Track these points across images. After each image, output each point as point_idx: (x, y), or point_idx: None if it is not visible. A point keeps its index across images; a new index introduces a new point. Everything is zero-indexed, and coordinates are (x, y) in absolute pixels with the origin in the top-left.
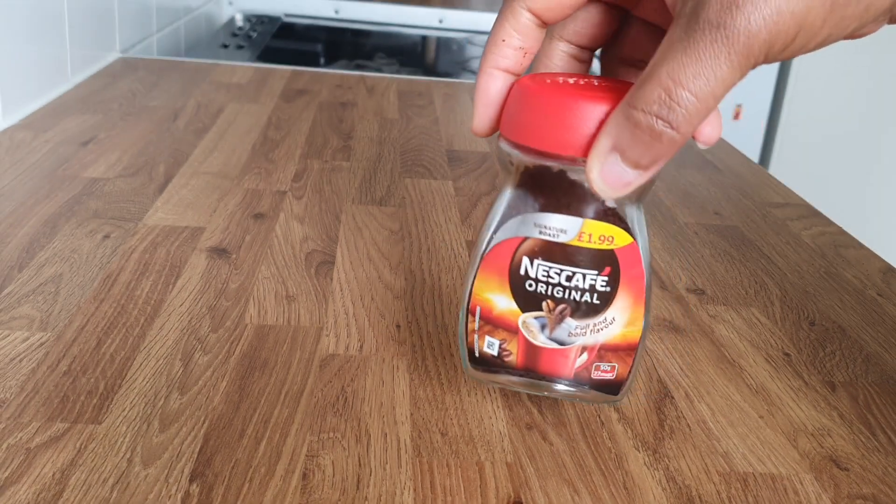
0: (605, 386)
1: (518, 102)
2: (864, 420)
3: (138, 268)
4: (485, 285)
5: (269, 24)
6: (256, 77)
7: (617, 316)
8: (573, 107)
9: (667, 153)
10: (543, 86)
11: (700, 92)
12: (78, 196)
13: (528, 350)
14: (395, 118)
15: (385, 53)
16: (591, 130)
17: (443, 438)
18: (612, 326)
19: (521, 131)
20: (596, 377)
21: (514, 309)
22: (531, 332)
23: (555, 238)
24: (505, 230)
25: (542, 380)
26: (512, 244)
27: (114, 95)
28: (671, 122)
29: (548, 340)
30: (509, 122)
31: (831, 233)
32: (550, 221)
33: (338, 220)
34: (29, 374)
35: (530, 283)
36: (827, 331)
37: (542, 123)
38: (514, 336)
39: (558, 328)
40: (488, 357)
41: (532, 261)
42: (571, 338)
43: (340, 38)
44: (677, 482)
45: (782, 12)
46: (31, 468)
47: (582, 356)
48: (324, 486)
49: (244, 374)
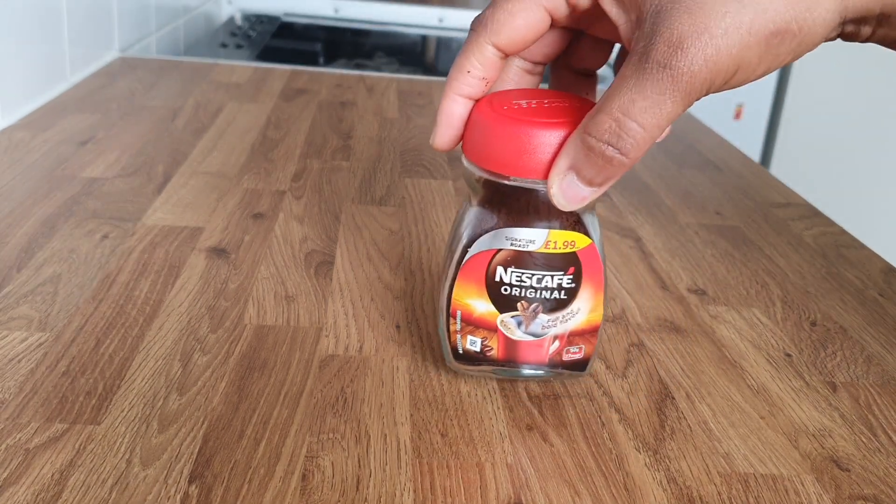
0: (574, 364)
1: (480, 130)
2: (866, 421)
3: (137, 268)
4: (464, 292)
5: (269, 23)
6: (256, 76)
7: (582, 306)
8: (530, 134)
9: (616, 174)
10: (501, 113)
11: (647, 123)
12: (76, 196)
13: (508, 345)
14: (395, 118)
15: (385, 53)
16: (546, 154)
17: (443, 439)
18: (578, 315)
19: (485, 157)
20: (567, 359)
21: (493, 311)
22: (509, 330)
23: (525, 248)
24: (479, 244)
25: (521, 367)
26: (486, 256)
27: (112, 95)
28: (620, 149)
29: (524, 335)
30: (474, 148)
31: (833, 233)
32: (520, 234)
33: (337, 220)
34: (28, 375)
35: (505, 288)
36: (828, 331)
37: (504, 150)
38: (493, 334)
39: (532, 323)
40: (471, 353)
41: (506, 269)
42: (544, 330)
43: (340, 38)
44: (678, 483)
45: (721, 54)
46: (29, 469)
47: (554, 344)
48: (323, 487)
49: (243, 374)
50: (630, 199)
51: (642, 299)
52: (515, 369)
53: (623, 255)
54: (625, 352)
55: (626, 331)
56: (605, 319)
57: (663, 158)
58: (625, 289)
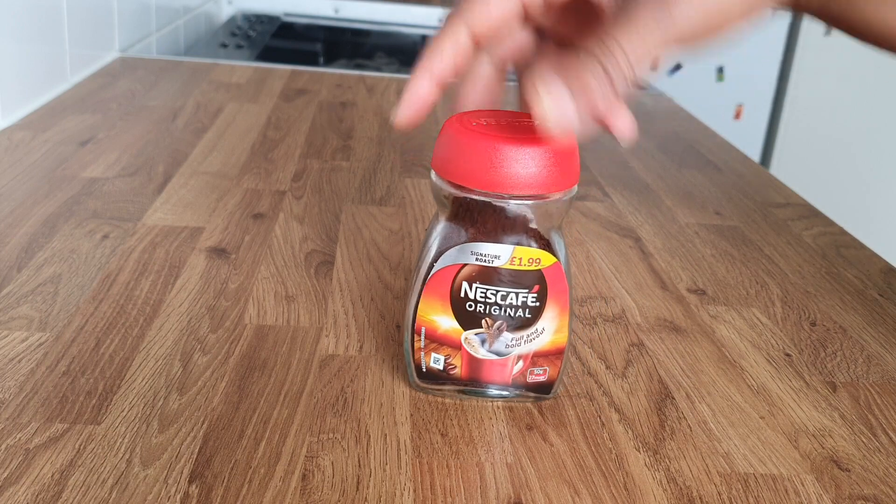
0: (539, 387)
1: (449, 145)
2: (866, 421)
3: (137, 268)
4: (429, 308)
5: (269, 23)
6: (256, 77)
7: (546, 326)
8: (497, 148)
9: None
10: (470, 129)
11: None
12: (77, 196)
13: (472, 363)
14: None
15: (385, 53)
16: (513, 169)
17: (443, 439)
18: (543, 335)
19: (453, 172)
20: (531, 380)
21: (457, 327)
22: (473, 347)
23: (490, 263)
24: (445, 258)
25: (484, 387)
26: (451, 271)
27: (113, 95)
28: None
29: (488, 353)
30: (443, 163)
31: (832, 233)
32: (485, 249)
33: (337, 220)
34: (28, 375)
35: (470, 304)
36: (828, 331)
37: (471, 165)
38: (457, 351)
39: (496, 341)
40: (435, 371)
41: (471, 285)
42: (508, 349)
43: (340, 38)
44: (678, 483)
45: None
46: (29, 469)
47: (518, 364)
48: (323, 487)
49: (244, 374)
50: (630, 199)
51: (642, 299)
52: (480, 389)
53: (623, 254)
54: (625, 352)
55: (625, 331)
56: (605, 319)
57: (663, 158)
58: (624, 289)
